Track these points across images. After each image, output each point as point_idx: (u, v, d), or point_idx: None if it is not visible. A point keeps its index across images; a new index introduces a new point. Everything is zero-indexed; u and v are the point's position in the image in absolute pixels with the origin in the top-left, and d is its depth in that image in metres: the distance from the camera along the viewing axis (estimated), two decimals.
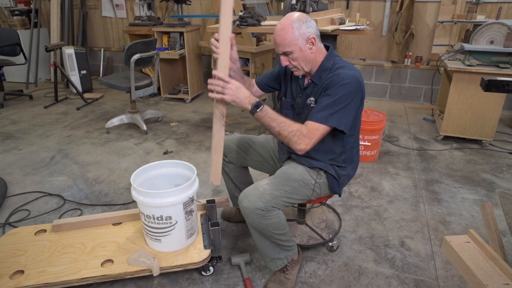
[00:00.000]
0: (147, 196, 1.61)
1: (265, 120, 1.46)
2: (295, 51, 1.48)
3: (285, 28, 1.46)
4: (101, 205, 2.37)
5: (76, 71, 4.75)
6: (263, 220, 1.49)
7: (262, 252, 1.65)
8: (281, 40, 1.48)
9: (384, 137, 3.18)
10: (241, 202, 1.50)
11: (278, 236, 1.57)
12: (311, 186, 1.61)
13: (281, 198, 1.52)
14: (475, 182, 2.65)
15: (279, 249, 1.63)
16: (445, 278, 1.77)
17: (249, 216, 1.50)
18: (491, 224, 1.76)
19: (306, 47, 1.49)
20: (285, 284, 1.67)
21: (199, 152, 3.12)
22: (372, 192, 2.52)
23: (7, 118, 3.95)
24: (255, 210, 1.46)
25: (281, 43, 1.48)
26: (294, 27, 1.45)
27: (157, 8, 4.99)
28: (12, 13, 5.27)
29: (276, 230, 1.54)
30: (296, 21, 1.46)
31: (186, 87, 4.55)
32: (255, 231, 1.57)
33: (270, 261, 1.66)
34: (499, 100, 3.01)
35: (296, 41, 1.47)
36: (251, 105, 1.43)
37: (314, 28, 1.50)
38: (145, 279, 1.75)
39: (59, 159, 3.01)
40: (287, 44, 1.47)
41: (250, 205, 1.47)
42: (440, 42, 4.13)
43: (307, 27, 1.47)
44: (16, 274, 1.62)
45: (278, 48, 1.52)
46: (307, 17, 1.50)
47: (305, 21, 1.47)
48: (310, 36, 1.48)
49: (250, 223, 1.54)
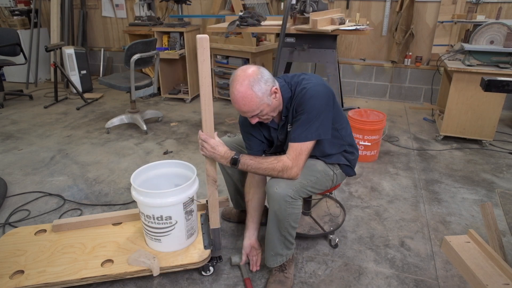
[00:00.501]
0: (147, 196, 1.61)
1: (248, 170, 1.54)
2: (264, 109, 1.48)
3: (246, 96, 1.42)
4: (101, 205, 2.37)
5: (76, 71, 4.75)
6: (289, 208, 1.52)
7: (270, 244, 1.66)
8: (247, 108, 1.45)
9: (384, 137, 3.18)
10: (271, 188, 1.51)
11: (291, 231, 1.61)
12: (331, 177, 1.68)
13: (307, 187, 1.58)
14: (475, 182, 2.65)
15: (283, 246, 1.65)
16: (445, 278, 1.77)
17: (277, 203, 1.51)
18: (491, 224, 1.76)
19: (271, 99, 1.48)
20: (285, 283, 1.68)
21: (199, 152, 3.12)
22: (372, 192, 2.52)
23: (7, 118, 3.95)
24: (285, 196, 1.49)
25: (248, 110, 1.46)
26: (255, 90, 1.42)
27: (157, 8, 4.99)
28: (12, 13, 5.27)
29: (294, 223, 1.58)
30: (255, 84, 1.41)
31: (186, 87, 4.55)
32: (274, 220, 1.59)
33: (273, 256, 1.67)
34: (499, 100, 3.01)
35: (263, 101, 1.45)
36: (229, 163, 1.51)
37: (269, 75, 1.47)
38: (145, 279, 1.75)
39: (59, 159, 3.01)
40: (255, 109, 1.45)
41: (281, 191, 1.49)
42: (440, 42, 4.13)
43: (265, 82, 1.44)
44: (16, 274, 1.62)
45: (246, 114, 1.50)
46: (258, 70, 1.45)
47: (261, 77, 1.44)
48: (272, 88, 1.47)
49: (275, 211, 1.54)
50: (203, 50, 1.35)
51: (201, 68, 1.37)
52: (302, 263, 1.86)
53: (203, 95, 1.41)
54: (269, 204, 1.57)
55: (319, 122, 1.50)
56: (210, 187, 1.58)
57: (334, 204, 2.24)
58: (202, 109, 1.44)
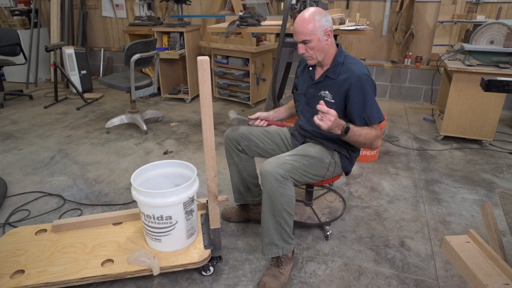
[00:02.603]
0: (147, 196, 1.61)
1: (353, 139, 1.63)
2: (313, 40, 1.64)
3: (307, 19, 1.62)
4: (101, 205, 2.37)
5: (76, 71, 4.75)
6: (280, 187, 1.59)
7: (265, 231, 1.68)
8: (303, 29, 1.63)
9: (384, 137, 3.19)
10: (263, 168, 1.62)
11: (286, 217, 1.64)
12: (326, 165, 1.76)
13: (299, 169, 1.66)
14: (475, 182, 2.65)
15: (279, 236, 1.67)
16: (445, 278, 1.77)
17: (268, 181, 1.60)
18: (491, 224, 1.76)
19: (324, 38, 1.65)
20: (279, 278, 1.70)
21: (199, 152, 3.12)
22: (372, 192, 2.52)
23: (7, 118, 3.95)
24: (276, 174, 1.58)
25: (302, 32, 1.63)
26: (316, 19, 1.61)
27: (157, 8, 5.00)
28: (12, 13, 5.27)
29: (287, 206, 1.63)
30: (318, 14, 1.62)
31: (186, 87, 4.55)
32: (267, 203, 1.63)
33: (268, 244, 1.69)
34: (499, 100, 3.01)
35: (316, 32, 1.62)
36: (341, 131, 1.58)
37: (331, 22, 1.67)
38: (145, 279, 1.75)
39: (59, 159, 3.01)
40: (307, 33, 1.62)
41: (272, 169, 1.59)
42: (440, 42, 4.13)
43: (326, 20, 1.64)
44: (16, 273, 1.62)
45: (298, 36, 1.66)
46: (326, 12, 1.67)
47: (325, 15, 1.65)
48: (328, 28, 1.64)
49: (267, 190, 1.61)
50: (204, 71, 1.36)
51: (202, 89, 1.39)
52: (302, 263, 1.86)
53: (204, 115, 1.45)
54: (262, 185, 1.64)
55: (376, 104, 1.69)
56: (211, 203, 1.62)
57: (337, 198, 2.30)
58: (203, 129, 1.48)
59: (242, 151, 1.95)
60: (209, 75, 1.39)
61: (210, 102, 1.43)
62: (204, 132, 1.48)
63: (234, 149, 1.95)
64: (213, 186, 1.59)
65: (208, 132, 1.49)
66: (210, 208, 1.64)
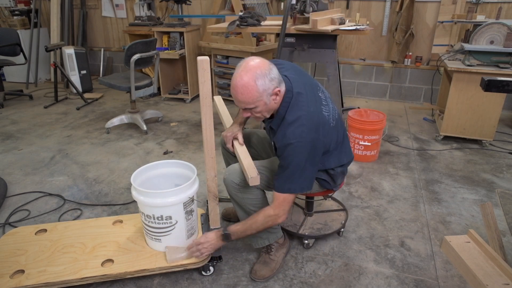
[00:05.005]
0: (147, 196, 1.61)
1: (241, 237, 1.62)
2: (259, 106, 1.42)
3: (248, 86, 1.36)
4: (101, 205, 2.37)
5: (76, 71, 4.75)
6: (238, 193, 1.63)
7: None
8: (244, 98, 1.39)
9: (384, 137, 3.18)
10: (224, 175, 1.65)
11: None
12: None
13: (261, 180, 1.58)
14: (475, 182, 2.65)
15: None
16: (445, 278, 1.77)
17: (227, 187, 1.65)
18: (491, 224, 1.76)
19: (271, 99, 1.42)
20: (269, 264, 1.73)
21: (199, 152, 3.12)
22: (372, 192, 2.52)
23: (7, 118, 3.95)
24: (231, 182, 1.62)
25: (244, 101, 1.41)
26: (258, 84, 1.36)
27: (157, 8, 4.99)
28: (12, 13, 5.26)
29: (253, 207, 1.65)
30: (260, 78, 1.36)
31: (186, 87, 4.55)
32: (235, 205, 1.70)
33: (253, 237, 1.72)
34: (499, 100, 3.01)
35: (261, 98, 1.39)
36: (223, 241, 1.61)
37: (277, 74, 1.41)
38: (145, 279, 1.75)
39: (59, 159, 3.01)
40: (251, 102, 1.40)
41: (228, 177, 1.64)
42: (440, 42, 4.12)
43: (271, 80, 1.38)
44: (16, 273, 1.62)
45: (240, 105, 1.45)
46: (268, 66, 1.39)
47: (268, 73, 1.37)
48: (275, 89, 1.41)
49: (229, 193, 1.68)
50: (204, 71, 1.36)
51: (202, 89, 1.39)
52: (302, 263, 1.86)
53: (204, 115, 1.45)
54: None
55: (301, 175, 1.46)
56: (212, 203, 1.65)
57: (342, 219, 2.12)
58: (203, 129, 1.49)
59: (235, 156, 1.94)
60: (209, 75, 1.39)
61: (210, 102, 1.43)
62: (204, 132, 1.48)
63: (230, 154, 1.95)
64: (213, 186, 1.60)
65: (208, 132, 1.49)
66: (210, 208, 1.65)
